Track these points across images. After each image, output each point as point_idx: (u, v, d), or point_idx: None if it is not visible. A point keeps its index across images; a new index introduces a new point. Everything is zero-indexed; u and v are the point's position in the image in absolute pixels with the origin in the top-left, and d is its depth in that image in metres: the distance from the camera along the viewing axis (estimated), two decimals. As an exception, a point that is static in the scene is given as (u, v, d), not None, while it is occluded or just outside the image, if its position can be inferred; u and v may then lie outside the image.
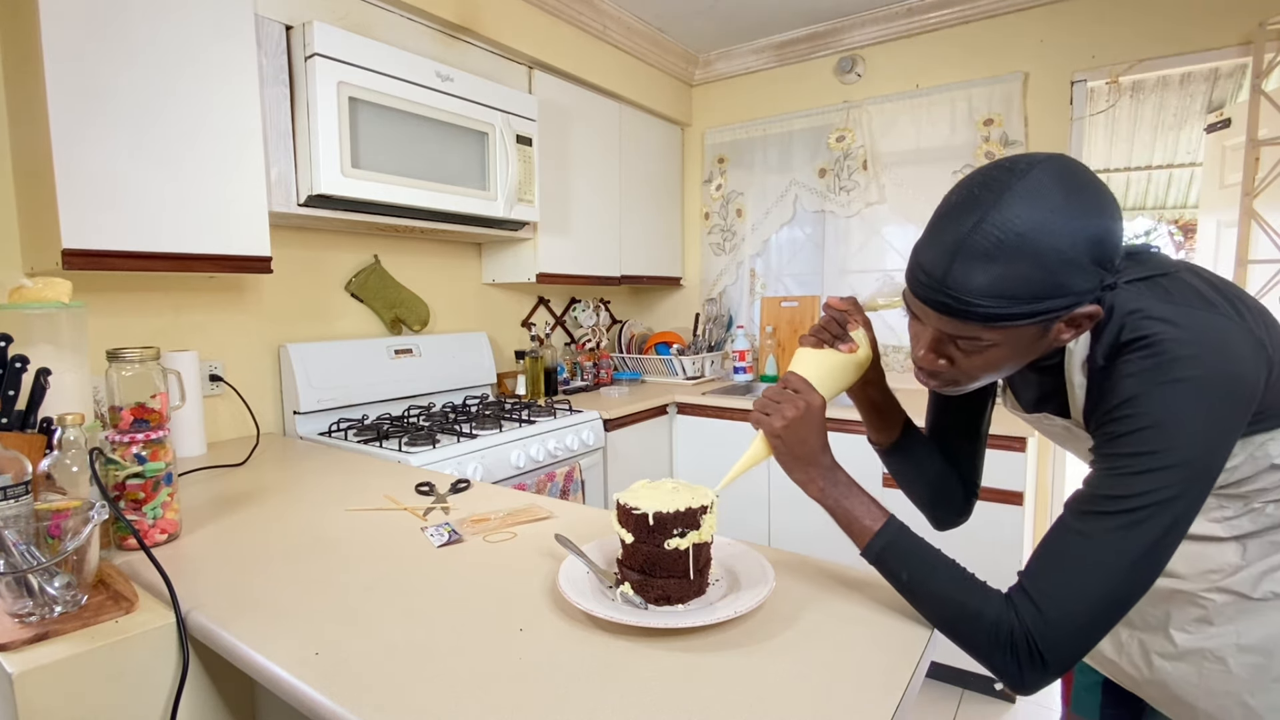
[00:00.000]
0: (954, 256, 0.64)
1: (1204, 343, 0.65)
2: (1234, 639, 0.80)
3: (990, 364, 0.71)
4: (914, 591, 0.75)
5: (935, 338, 0.72)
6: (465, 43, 2.17)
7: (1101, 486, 0.67)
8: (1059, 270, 0.62)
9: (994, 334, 0.67)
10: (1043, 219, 0.61)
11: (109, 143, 1.35)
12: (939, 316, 0.68)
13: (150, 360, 1.03)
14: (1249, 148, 2.07)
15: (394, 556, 0.99)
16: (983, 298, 0.64)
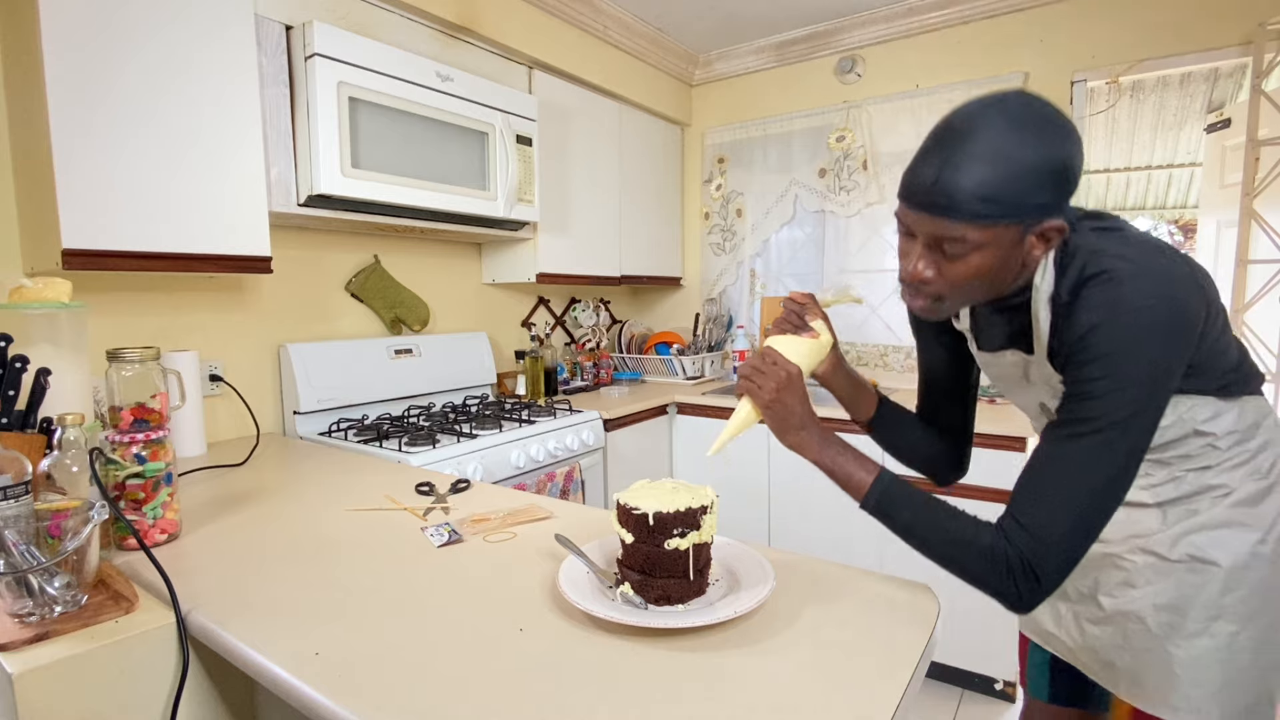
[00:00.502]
0: (944, 163, 0.73)
1: (1157, 278, 0.73)
2: (1151, 599, 0.87)
3: (973, 272, 0.77)
4: (913, 531, 0.80)
5: (925, 244, 0.78)
6: (465, 43, 2.17)
7: (1071, 412, 0.74)
8: (1034, 180, 0.71)
9: (979, 233, 0.73)
10: (1021, 138, 0.71)
11: (109, 142, 1.35)
12: (930, 219, 0.75)
13: (150, 360, 1.03)
14: (1249, 148, 2.07)
15: (394, 556, 0.99)
16: (969, 196, 0.72)
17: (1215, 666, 0.84)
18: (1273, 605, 0.84)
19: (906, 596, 0.85)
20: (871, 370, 2.91)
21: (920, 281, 0.81)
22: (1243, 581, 0.84)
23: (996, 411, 2.25)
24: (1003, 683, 2.17)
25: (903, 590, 0.86)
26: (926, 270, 0.79)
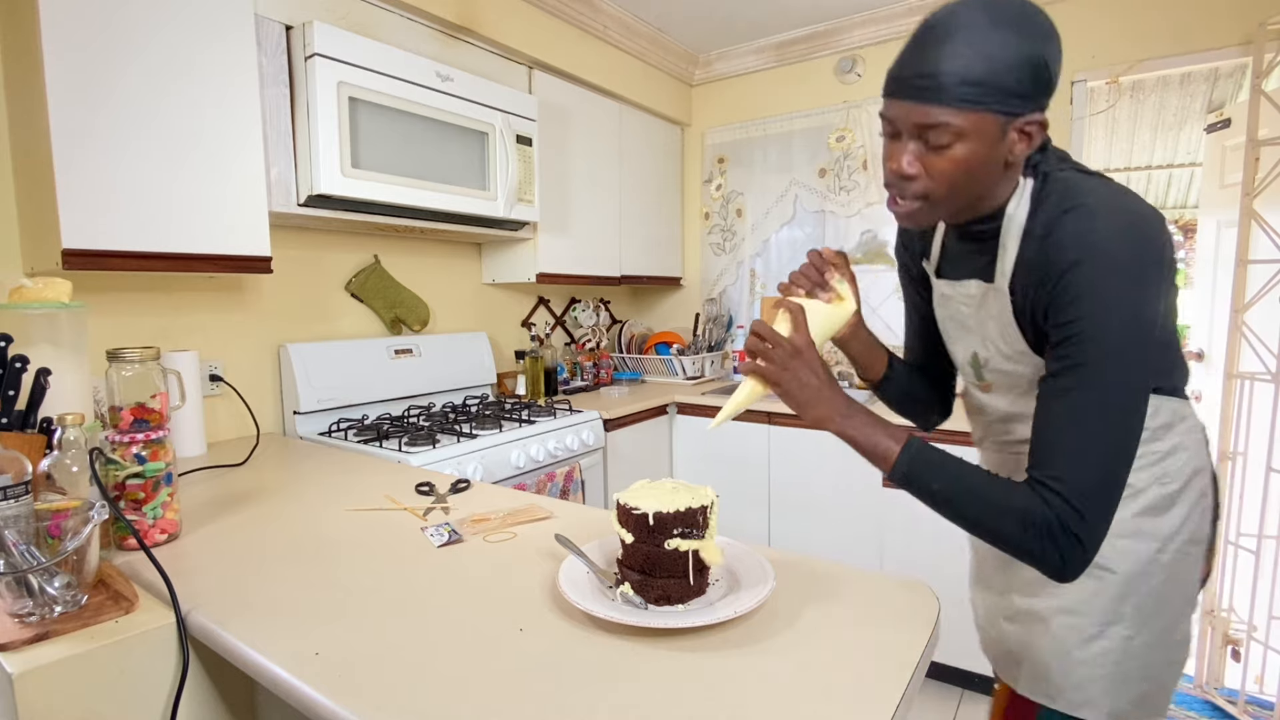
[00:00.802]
0: (927, 50, 0.74)
1: (1134, 214, 0.74)
2: (1056, 602, 0.89)
3: (958, 167, 0.77)
4: (947, 500, 0.77)
5: (910, 137, 0.78)
6: (465, 43, 2.17)
7: (1068, 358, 0.73)
8: (1015, 70, 0.72)
9: (962, 119, 0.74)
10: (1003, 29, 0.72)
11: (109, 143, 1.35)
12: (915, 106, 0.75)
13: (150, 360, 1.03)
14: (1249, 148, 2.06)
15: (394, 556, 0.99)
16: (953, 79, 0.72)
17: (1110, 665, 0.86)
18: (1166, 610, 0.87)
19: (906, 596, 0.85)
20: (871, 370, 2.90)
21: (906, 178, 0.80)
22: (1139, 589, 0.86)
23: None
24: (1003, 683, 2.16)
25: (903, 590, 0.86)
26: (911, 166, 0.79)
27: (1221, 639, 2.12)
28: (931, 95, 0.74)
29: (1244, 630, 2.08)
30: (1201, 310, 2.92)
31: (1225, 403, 2.12)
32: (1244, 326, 2.09)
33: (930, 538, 2.19)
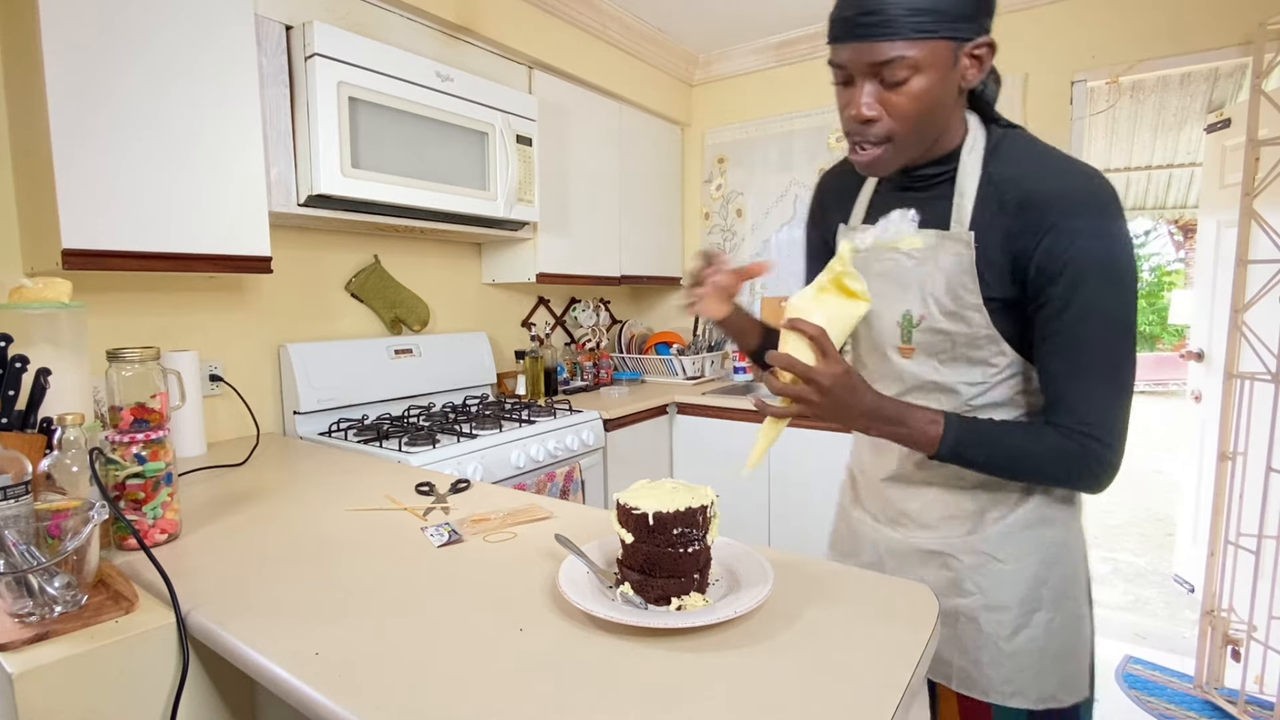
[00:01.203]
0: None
1: (1104, 181, 0.80)
2: (982, 600, 0.92)
3: (917, 101, 0.77)
4: (994, 467, 0.83)
5: (866, 79, 0.78)
6: (465, 43, 2.17)
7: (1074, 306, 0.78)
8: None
9: (916, 50, 0.74)
10: None
11: (109, 143, 1.35)
12: (867, 45, 0.75)
13: (150, 360, 1.03)
14: (1249, 148, 2.06)
15: (394, 556, 0.99)
16: (900, 9, 0.72)
17: (1036, 652, 0.91)
18: (1076, 589, 0.93)
19: (906, 597, 0.85)
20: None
21: (868, 122, 0.80)
22: (1053, 573, 0.92)
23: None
24: (1003, 683, 2.16)
25: (902, 590, 0.86)
26: (871, 109, 0.79)
27: (1221, 639, 2.12)
28: (882, 30, 0.74)
29: (1244, 630, 2.08)
30: (1201, 310, 2.92)
31: (1225, 403, 2.12)
32: (1244, 326, 2.09)
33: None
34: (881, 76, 0.77)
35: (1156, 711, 2.11)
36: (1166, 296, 12.08)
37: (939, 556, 0.96)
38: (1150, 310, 12.59)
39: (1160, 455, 6.24)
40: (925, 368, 0.91)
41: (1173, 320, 10.03)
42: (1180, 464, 4.70)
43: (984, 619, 0.92)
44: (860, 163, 0.84)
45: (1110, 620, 2.85)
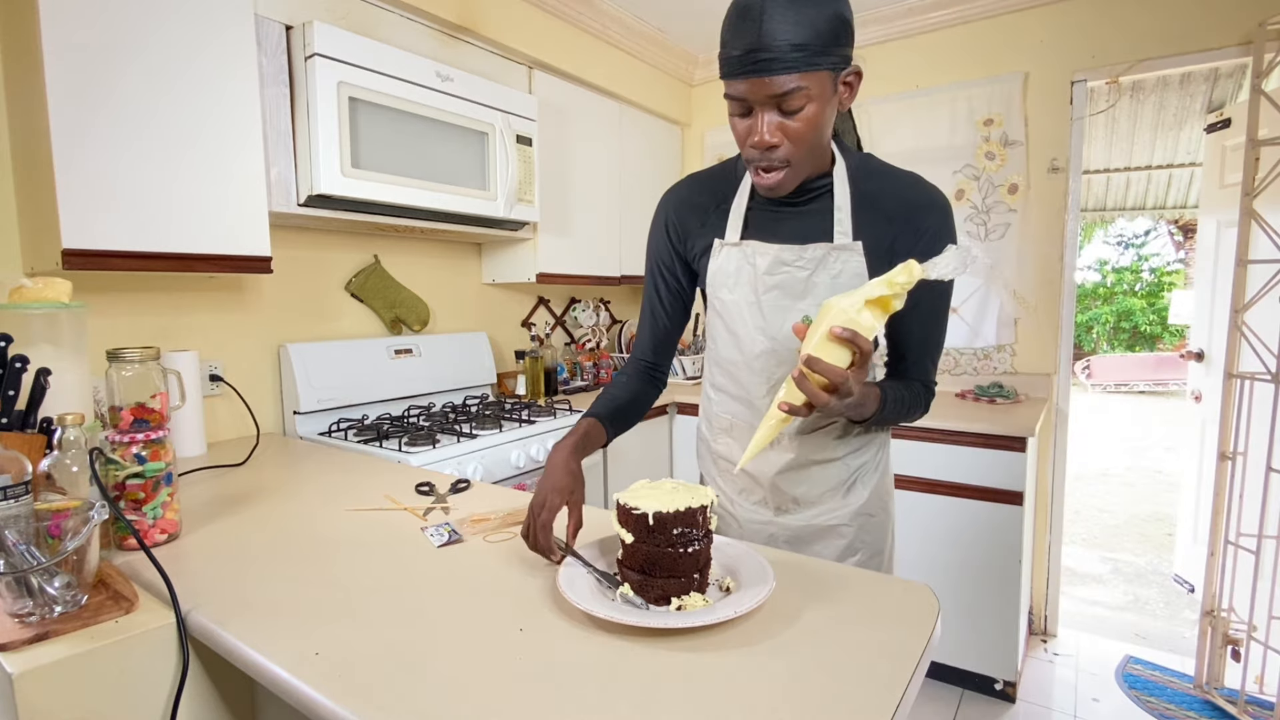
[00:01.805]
0: (761, 19, 0.80)
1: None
2: (867, 552, 1.13)
3: (811, 126, 0.86)
4: (896, 418, 1.02)
5: (765, 109, 0.86)
6: (465, 43, 2.17)
7: (928, 299, 0.96)
8: (832, 27, 0.81)
9: (810, 81, 0.83)
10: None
11: (109, 142, 1.35)
12: (764, 80, 0.82)
13: (150, 360, 1.03)
14: (1249, 148, 2.06)
15: (394, 556, 0.99)
16: (790, 46, 0.80)
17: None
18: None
19: (906, 596, 0.85)
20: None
21: (770, 148, 0.88)
22: (891, 506, 1.19)
23: (996, 411, 2.25)
24: (1003, 683, 2.17)
25: (903, 590, 0.86)
26: (773, 136, 0.86)
27: (1221, 639, 2.13)
28: (779, 65, 0.81)
29: (1244, 630, 2.08)
30: (1201, 310, 2.92)
31: (1225, 403, 2.12)
32: (1244, 326, 2.09)
33: (930, 538, 2.19)
34: (780, 106, 0.85)
35: (1156, 711, 2.11)
36: (1166, 296, 12.09)
37: (833, 529, 1.13)
38: (1150, 310, 12.59)
39: (1160, 455, 6.24)
40: None
41: (1173, 320, 10.05)
42: (1180, 464, 4.70)
43: (869, 565, 1.13)
44: (765, 185, 0.93)
45: (1110, 620, 2.85)
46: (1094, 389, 10.55)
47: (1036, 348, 2.56)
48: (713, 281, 1.08)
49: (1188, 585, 3.07)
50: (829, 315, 0.79)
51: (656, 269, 1.14)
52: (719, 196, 1.07)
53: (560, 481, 0.92)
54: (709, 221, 1.08)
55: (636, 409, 1.14)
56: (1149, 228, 12.68)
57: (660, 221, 1.13)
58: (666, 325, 1.16)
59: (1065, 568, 3.23)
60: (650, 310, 1.16)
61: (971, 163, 2.59)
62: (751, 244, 1.03)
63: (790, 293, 1.01)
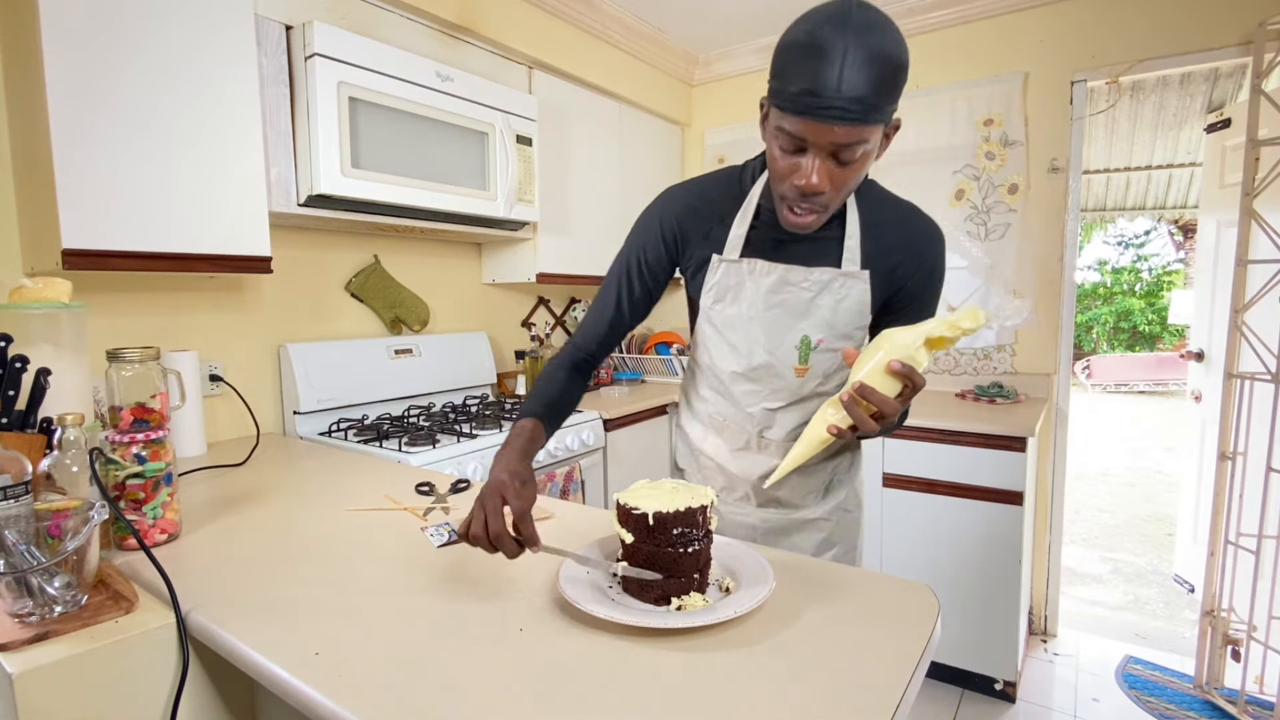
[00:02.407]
0: (842, 66, 0.76)
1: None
2: (843, 546, 1.19)
3: (856, 175, 0.86)
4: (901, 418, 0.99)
5: (822, 155, 0.83)
6: (465, 43, 2.17)
7: (919, 307, 1.02)
8: (901, 81, 0.80)
9: (874, 133, 0.81)
10: (896, 36, 0.78)
11: (109, 142, 1.35)
12: (842, 128, 0.79)
13: (150, 360, 1.03)
14: (1249, 148, 2.06)
15: (394, 556, 0.99)
16: (877, 100, 0.77)
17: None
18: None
19: (906, 596, 0.85)
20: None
21: (819, 193, 0.85)
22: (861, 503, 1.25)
23: (996, 411, 2.25)
24: (1003, 683, 2.17)
25: (903, 590, 0.86)
26: (823, 183, 0.84)
27: (1221, 639, 2.13)
28: (859, 118, 0.78)
29: (1244, 630, 2.08)
30: (1201, 310, 2.92)
31: (1225, 403, 2.12)
32: (1244, 326, 2.09)
33: (930, 538, 2.19)
34: (837, 154, 0.82)
35: (1156, 711, 2.11)
36: (1166, 296, 12.09)
37: (811, 523, 1.17)
38: (1150, 310, 12.60)
39: (1160, 455, 6.24)
40: (812, 382, 1.07)
41: (1173, 320, 10.05)
42: (1180, 464, 4.70)
43: (844, 559, 1.19)
44: (797, 224, 0.91)
45: (1110, 620, 2.85)
46: (1094, 389, 10.55)
47: (1036, 348, 2.56)
48: (710, 295, 1.07)
49: (1188, 585, 3.07)
50: (886, 347, 0.79)
51: (638, 265, 1.10)
52: (722, 210, 1.06)
53: (505, 481, 0.83)
54: (711, 234, 1.06)
55: (571, 406, 1.09)
56: (1149, 228, 12.68)
57: (656, 220, 1.11)
58: (623, 322, 1.12)
59: (1065, 568, 3.23)
60: (613, 302, 1.11)
61: (971, 163, 2.59)
62: (756, 262, 1.02)
63: (793, 312, 1.02)
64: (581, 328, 1.13)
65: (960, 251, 2.64)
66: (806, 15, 0.80)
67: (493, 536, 0.78)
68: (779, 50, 0.83)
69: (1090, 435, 7.13)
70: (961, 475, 2.12)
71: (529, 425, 0.96)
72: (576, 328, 1.12)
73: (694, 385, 1.22)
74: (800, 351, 1.05)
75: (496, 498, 0.80)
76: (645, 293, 1.11)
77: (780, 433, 1.12)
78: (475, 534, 0.79)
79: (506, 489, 0.81)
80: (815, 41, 0.77)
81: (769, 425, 1.12)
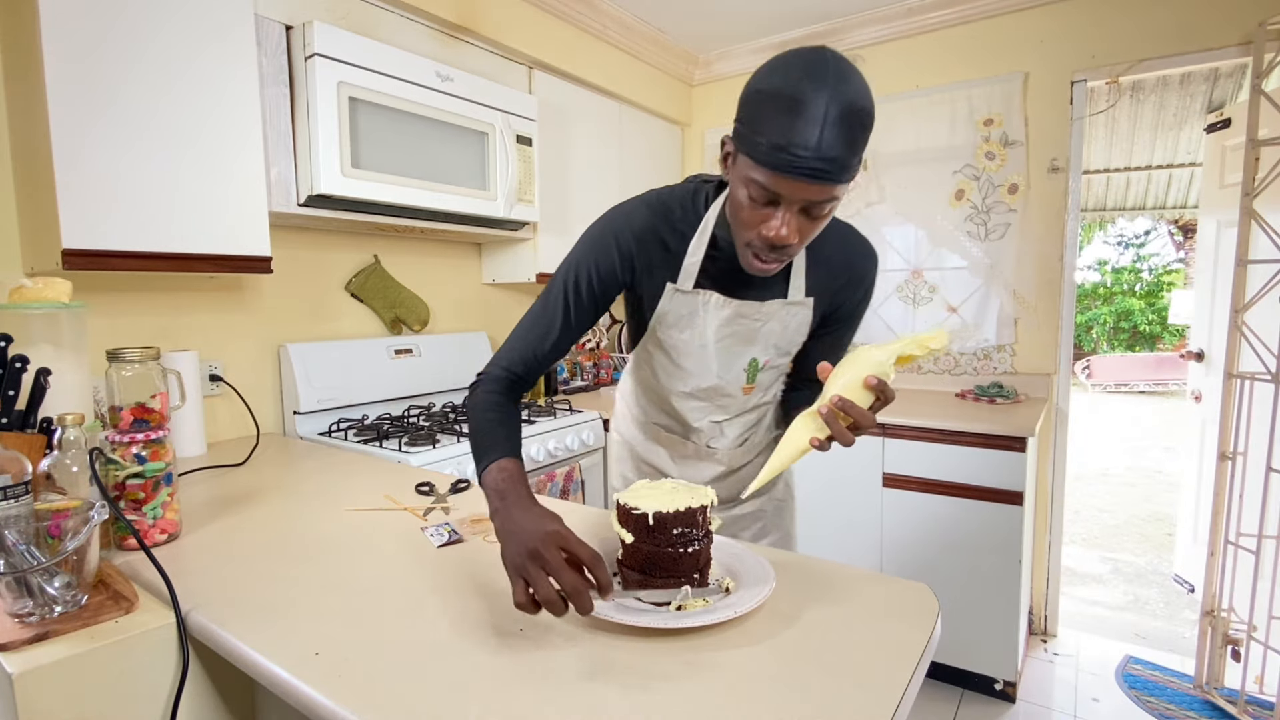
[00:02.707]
0: (823, 127, 0.75)
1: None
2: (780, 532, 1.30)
3: (822, 225, 0.86)
4: None
5: (794, 209, 0.82)
6: (465, 43, 2.17)
7: (849, 326, 1.10)
8: (869, 139, 0.80)
9: (841, 190, 0.81)
10: (867, 90, 0.78)
11: (109, 142, 1.35)
12: (817, 186, 0.78)
13: (150, 360, 1.03)
14: (1249, 148, 2.06)
15: (394, 556, 0.99)
16: (854, 160, 0.78)
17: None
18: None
19: (906, 596, 0.85)
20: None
21: (786, 246, 0.85)
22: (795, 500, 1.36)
23: (996, 411, 2.25)
24: (1003, 683, 2.17)
25: (903, 590, 0.86)
26: (793, 235, 0.83)
27: (1221, 639, 2.13)
28: (836, 177, 0.78)
29: (1244, 630, 2.08)
30: (1201, 310, 2.92)
31: (1225, 403, 2.12)
32: (1244, 326, 2.09)
33: (930, 538, 2.19)
34: (810, 210, 0.82)
35: (1156, 711, 2.11)
36: (1166, 296, 12.09)
37: (754, 515, 1.26)
38: (1150, 310, 12.60)
39: (1160, 455, 6.24)
40: (755, 396, 1.14)
41: (1173, 320, 10.05)
42: (1180, 464, 4.70)
43: (781, 544, 1.27)
44: (761, 270, 0.90)
45: (1110, 620, 2.85)
46: (1094, 389, 10.55)
47: (1036, 348, 2.56)
48: (661, 320, 1.05)
49: (1188, 585, 3.07)
50: (860, 363, 0.81)
51: (588, 284, 0.99)
52: (678, 237, 1.01)
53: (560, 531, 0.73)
54: (666, 257, 1.01)
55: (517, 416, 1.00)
56: (1149, 228, 12.68)
57: (612, 237, 1.00)
58: (568, 341, 1.02)
59: (1065, 568, 3.23)
60: (559, 320, 0.99)
61: (971, 163, 2.59)
62: (712, 295, 1.02)
63: (742, 339, 1.06)
64: (514, 347, 1.00)
65: (960, 251, 2.65)
66: (783, 64, 0.78)
67: (570, 593, 0.68)
68: (751, 96, 0.80)
69: (1090, 435, 7.13)
70: (961, 475, 2.12)
71: (515, 468, 0.84)
72: (505, 346, 1.00)
73: (635, 397, 1.24)
74: (749, 373, 1.09)
75: (554, 550, 0.70)
76: (593, 311, 1.02)
77: (726, 442, 1.18)
78: (547, 598, 0.68)
79: (567, 540, 0.71)
80: (795, 96, 0.75)
81: (715, 436, 1.17)
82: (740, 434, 1.19)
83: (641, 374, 1.19)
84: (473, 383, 0.99)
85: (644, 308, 1.06)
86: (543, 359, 1.00)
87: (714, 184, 1.03)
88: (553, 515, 0.75)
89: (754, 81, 0.80)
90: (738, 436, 1.19)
